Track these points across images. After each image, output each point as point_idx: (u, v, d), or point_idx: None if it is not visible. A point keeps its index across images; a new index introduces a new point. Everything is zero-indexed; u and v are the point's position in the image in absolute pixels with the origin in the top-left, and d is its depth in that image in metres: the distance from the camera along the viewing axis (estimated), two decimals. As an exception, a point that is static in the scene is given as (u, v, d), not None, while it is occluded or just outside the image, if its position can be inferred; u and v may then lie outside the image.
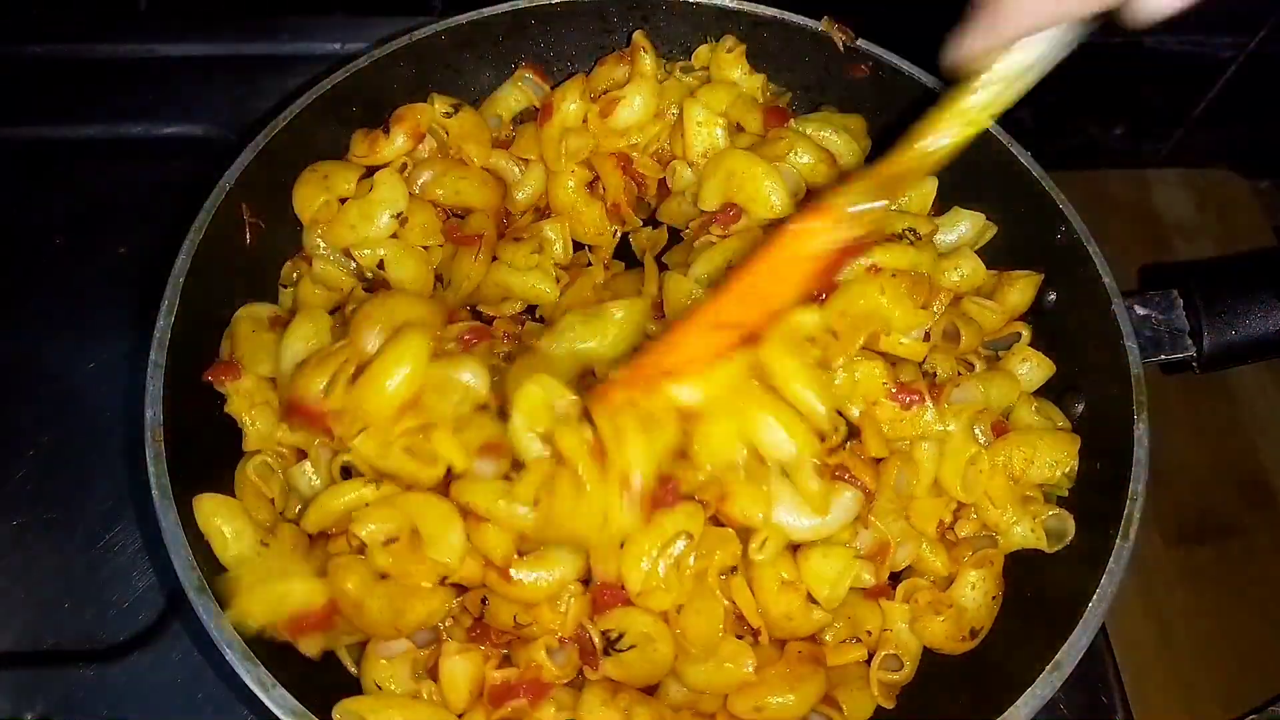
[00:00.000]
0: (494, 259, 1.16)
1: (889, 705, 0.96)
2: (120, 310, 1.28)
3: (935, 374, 1.04)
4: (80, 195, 1.39)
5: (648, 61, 1.20)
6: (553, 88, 1.23)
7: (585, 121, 1.20)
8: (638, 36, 1.22)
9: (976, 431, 1.02)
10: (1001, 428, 1.03)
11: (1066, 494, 1.05)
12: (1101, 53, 1.54)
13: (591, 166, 1.21)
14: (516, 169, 1.20)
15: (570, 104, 1.19)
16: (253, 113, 1.42)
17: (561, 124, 1.19)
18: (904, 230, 1.11)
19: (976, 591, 0.98)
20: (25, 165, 1.42)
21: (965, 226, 1.18)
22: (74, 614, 1.11)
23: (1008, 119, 1.14)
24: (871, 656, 0.98)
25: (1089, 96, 1.63)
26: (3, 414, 1.23)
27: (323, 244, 1.12)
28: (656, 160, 1.23)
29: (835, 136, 1.20)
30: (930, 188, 1.19)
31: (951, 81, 0.84)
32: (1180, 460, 1.34)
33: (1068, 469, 1.02)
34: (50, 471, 1.19)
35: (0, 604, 1.12)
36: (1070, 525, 1.01)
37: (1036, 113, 1.64)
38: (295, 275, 1.13)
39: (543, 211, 1.24)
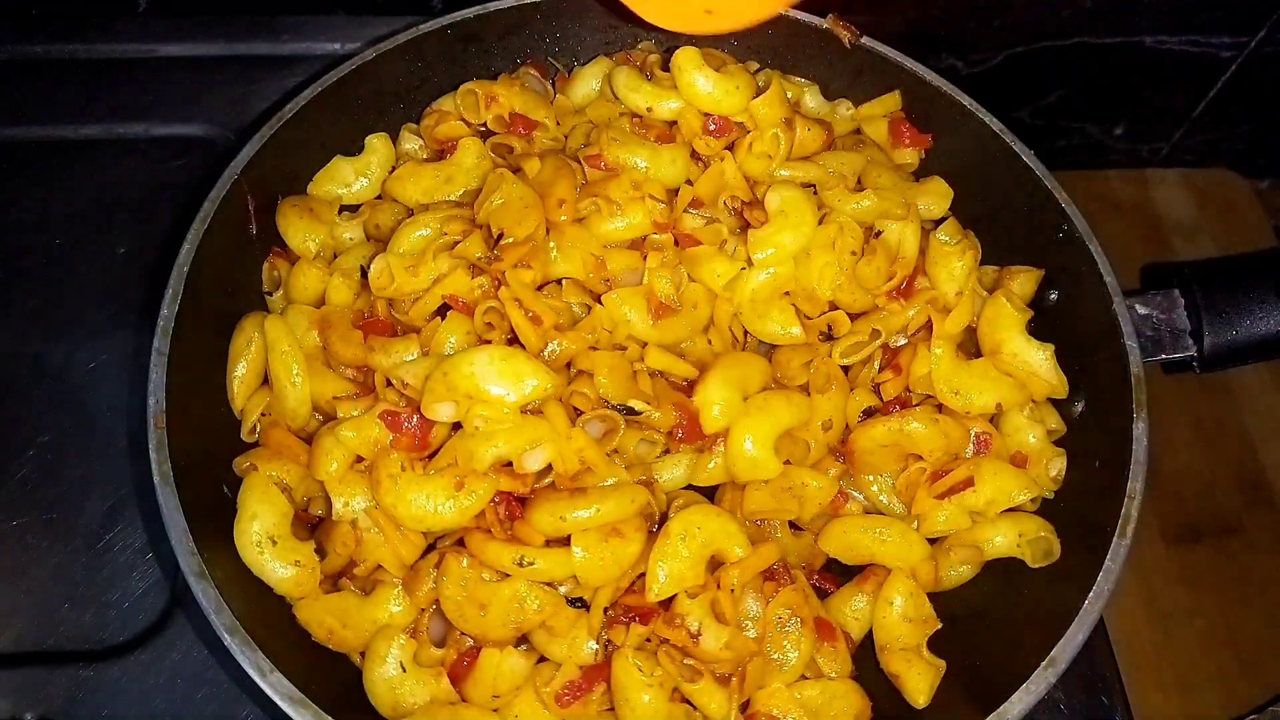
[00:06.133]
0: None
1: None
2: (120, 310, 1.28)
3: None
4: (80, 195, 1.39)
5: (665, 78, 1.14)
6: (554, 84, 1.23)
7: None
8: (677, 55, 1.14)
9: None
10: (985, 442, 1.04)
11: (1052, 496, 1.05)
12: (1101, 53, 1.55)
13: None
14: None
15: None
16: (253, 113, 1.42)
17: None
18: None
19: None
20: (25, 165, 1.42)
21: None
22: (74, 614, 1.11)
23: (1008, 119, 1.15)
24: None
25: (1089, 96, 1.63)
26: (3, 414, 1.23)
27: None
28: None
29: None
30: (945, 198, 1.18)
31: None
32: (1180, 460, 1.34)
33: (1042, 491, 1.03)
34: (50, 471, 1.19)
35: (0, 604, 1.12)
36: (1057, 547, 1.01)
37: (1036, 113, 1.65)
38: (275, 274, 1.12)
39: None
